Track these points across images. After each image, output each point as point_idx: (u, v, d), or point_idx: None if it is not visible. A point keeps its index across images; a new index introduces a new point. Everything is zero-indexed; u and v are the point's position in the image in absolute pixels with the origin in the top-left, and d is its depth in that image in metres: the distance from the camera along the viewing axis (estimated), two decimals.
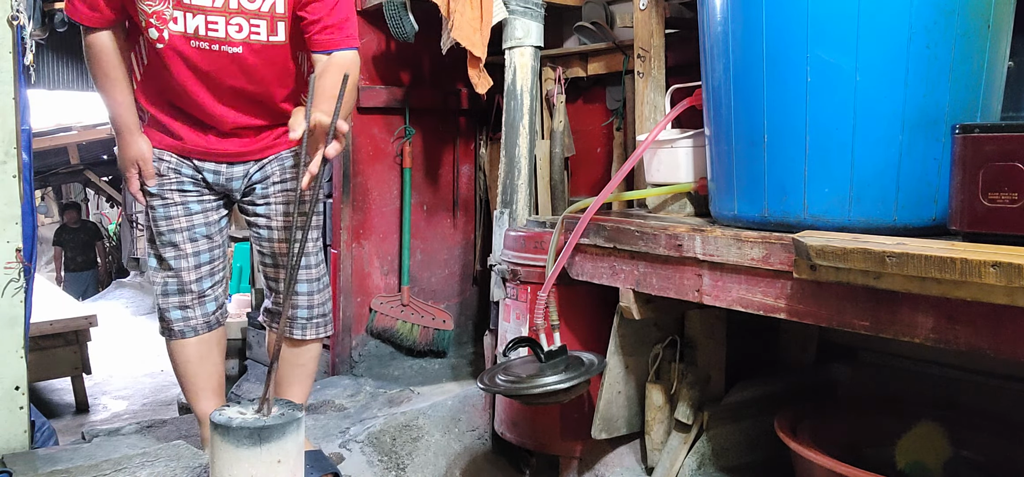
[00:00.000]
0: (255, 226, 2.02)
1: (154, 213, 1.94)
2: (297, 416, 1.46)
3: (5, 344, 2.03)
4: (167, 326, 1.99)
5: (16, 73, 2.03)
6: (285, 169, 1.98)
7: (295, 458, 1.44)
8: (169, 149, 1.92)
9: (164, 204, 1.94)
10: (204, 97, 1.84)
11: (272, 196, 1.98)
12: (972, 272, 1.09)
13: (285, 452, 1.41)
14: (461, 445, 2.40)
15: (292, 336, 1.99)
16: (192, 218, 1.96)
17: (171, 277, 1.95)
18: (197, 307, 1.97)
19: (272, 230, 1.98)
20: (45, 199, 11.97)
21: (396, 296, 3.12)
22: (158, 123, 1.91)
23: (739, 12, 1.54)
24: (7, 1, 2.00)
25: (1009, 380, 1.79)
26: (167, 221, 1.93)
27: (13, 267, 2.03)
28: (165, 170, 1.92)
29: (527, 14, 2.48)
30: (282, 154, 1.99)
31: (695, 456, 1.85)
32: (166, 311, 1.97)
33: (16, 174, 2.03)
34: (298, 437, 1.46)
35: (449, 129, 3.27)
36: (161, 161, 1.92)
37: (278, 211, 1.98)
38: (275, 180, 1.98)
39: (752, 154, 1.55)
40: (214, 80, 1.82)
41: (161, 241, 1.95)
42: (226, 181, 1.96)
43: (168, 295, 1.96)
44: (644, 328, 1.95)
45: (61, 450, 2.11)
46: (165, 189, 1.93)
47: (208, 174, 1.94)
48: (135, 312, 6.39)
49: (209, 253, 1.98)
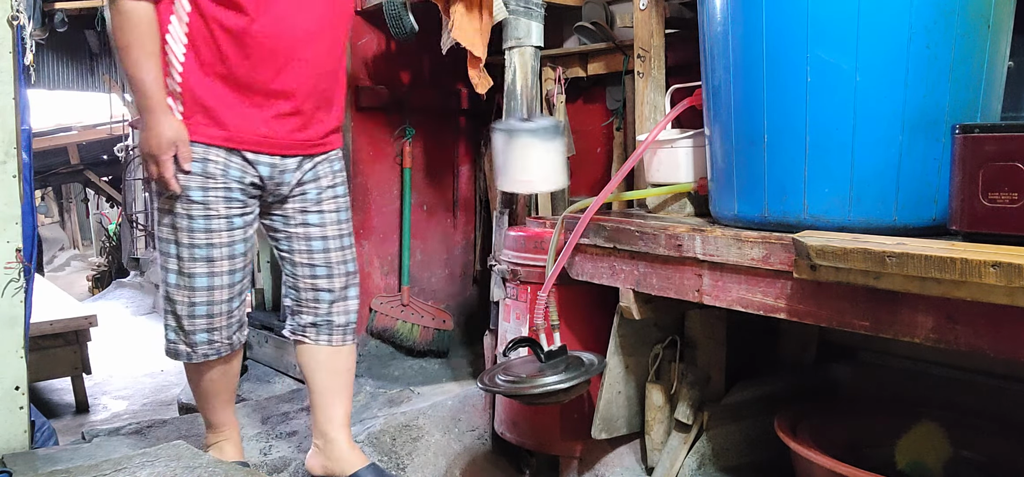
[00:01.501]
0: (303, 237, 1.92)
1: (192, 223, 1.76)
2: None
3: (5, 344, 2.03)
4: (190, 349, 1.84)
5: (16, 73, 2.03)
6: (334, 173, 1.95)
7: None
8: (214, 142, 1.74)
9: (206, 214, 1.76)
10: (274, 52, 1.72)
11: (325, 201, 1.92)
12: (972, 272, 1.09)
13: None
14: (461, 445, 2.40)
15: (345, 344, 1.98)
16: (233, 233, 1.81)
17: (200, 297, 1.79)
18: (224, 330, 1.85)
19: (327, 240, 1.92)
20: (45, 199, 11.98)
21: (396, 296, 3.12)
22: (203, 108, 1.74)
23: (739, 12, 1.54)
24: (7, 1, 2.01)
25: (1009, 380, 1.79)
26: (207, 234, 1.76)
27: (13, 267, 2.03)
28: (212, 171, 1.75)
29: (527, 14, 2.48)
30: (331, 154, 1.94)
31: (695, 456, 1.85)
32: (192, 334, 1.81)
33: (16, 174, 2.03)
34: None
35: (449, 129, 3.26)
36: (207, 161, 1.75)
37: (332, 219, 1.93)
38: (326, 184, 1.92)
39: (752, 154, 1.55)
40: (284, 30, 1.73)
41: (193, 254, 1.77)
42: (280, 176, 1.83)
43: (194, 317, 1.80)
44: (644, 328, 1.95)
45: (61, 450, 2.11)
46: (210, 195, 1.75)
47: (263, 168, 1.80)
48: (135, 312, 6.39)
49: (242, 271, 1.86)
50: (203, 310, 1.81)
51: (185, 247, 1.78)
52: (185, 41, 1.73)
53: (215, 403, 1.98)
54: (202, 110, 1.74)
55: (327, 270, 1.95)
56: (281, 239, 1.96)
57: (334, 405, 2.00)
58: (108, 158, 8.92)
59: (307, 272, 1.95)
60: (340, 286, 1.97)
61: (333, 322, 1.98)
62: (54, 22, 6.27)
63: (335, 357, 1.99)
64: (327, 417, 2.00)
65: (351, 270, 2.00)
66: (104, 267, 8.71)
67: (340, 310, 1.98)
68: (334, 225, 1.95)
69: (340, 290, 1.98)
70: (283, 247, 1.97)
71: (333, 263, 1.95)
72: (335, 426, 2.00)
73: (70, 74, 8.31)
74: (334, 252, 1.96)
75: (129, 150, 8.13)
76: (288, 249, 1.96)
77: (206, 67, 1.73)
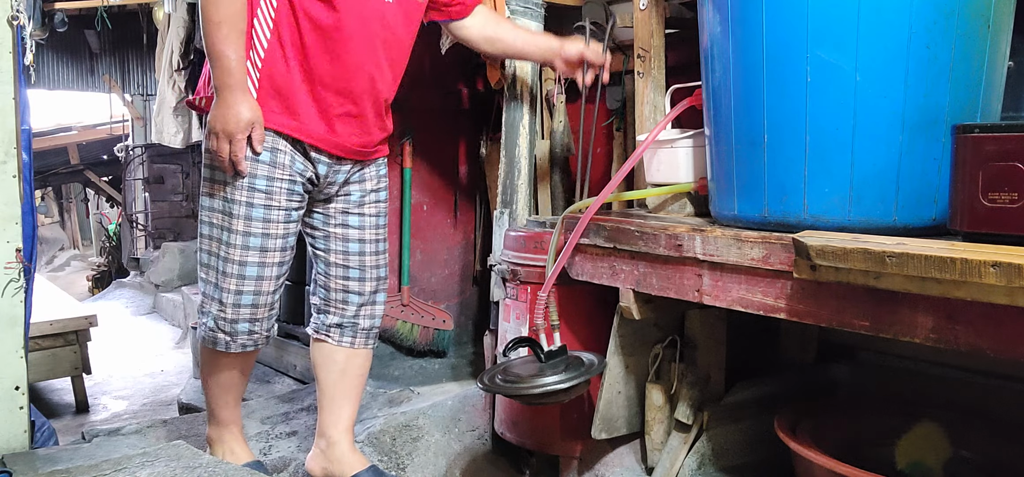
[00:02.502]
0: (341, 238, 1.93)
1: (251, 210, 1.75)
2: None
3: (5, 344, 2.03)
4: (230, 338, 1.82)
5: (16, 73, 2.03)
6: (379, 177, 1.96)
7: None
8: (284, 131, 1.75)
9: (267, 204, 1.76)
10: (360, 50, 1.75)
11: (367, 204, 1.93)
12: (972, 272, 1.09)
13: None
14: (461, 445, 2.40)
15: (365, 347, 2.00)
16: (289, 225, 1.81)
17: (248, 287, 1.78)
18: (265, 321, 1.85)
19: (364, 243, 1.94)
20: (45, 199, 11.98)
21: (396, 296, 3.12)
22: (279, 95, 1.74)
23: (739, 12, 1.54)
24: (7, 1, 2.00)
25: (1009, 380, 1.79)
26: (265, 224, 1.76)
27: (13, 267, 2.03)
28: (281, 161, 1.75)
29: (527, 14, 2.48)
30: (379, 160, 1.96)
31: (695, 456, 1.85)
32: (236, 322, 1.80)
33: (16, 174, 2.03)
34: None
35: (449, 129, 3.26)
36: (276, 151, 1.75)
37: (371, 223, 1.94)
38: (371, 187, 1.94)
39: (752, 154, 1.55)
40: (368, 31, 1.76)
41: (248, 243, 1.76)
42: (333, 176, 1.85)
43: (240, 306, 1.79)
44: (644, 328, 1.95)
45: (61, 450, 2.11)
46: (275, 185, 1.76)
47: (321, 167, 1.82)
48: (135, 312, 6.39)
49: (288, 265, 1.87)
50: (249, 299, 1.80)
51: (239, 234, 1.76)
52: (271, 27, 1.73)
53: (229, 398, 1.97)
54: (277, 96, 1.75)
55: (360, 273, 1.96)
56: (318, 238, 1.97)
57: (342, 408, 2.01)
58: (108, 158, 8.93)
59: (340, 273, 1.95)
60: (370, 290, 1.99)
61: (358, 325, 1.99)
62: (54, 22, 6.28)
63: (352, 359, 2.00)
64: (334, 419, 2.01)
65: (383, 275, 2.01)
66: (104, 267, 8.72)
67: (366, 314, 1.99)
68: (372, 229, 1.97)
69: (370, 294, 1.99)
70: (319, 246, 1.98)
71: (367, 267, 1.97)
72: (340, 429, 2.01)
73: (70, 74, 8.31)
74: (369, 256, 1.97)
75: (129, 150, 8.14)
76: (324, 248, 1.97)
77: (287, 56, 1.74)
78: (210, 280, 1.83)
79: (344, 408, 2.01)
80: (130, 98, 8.28)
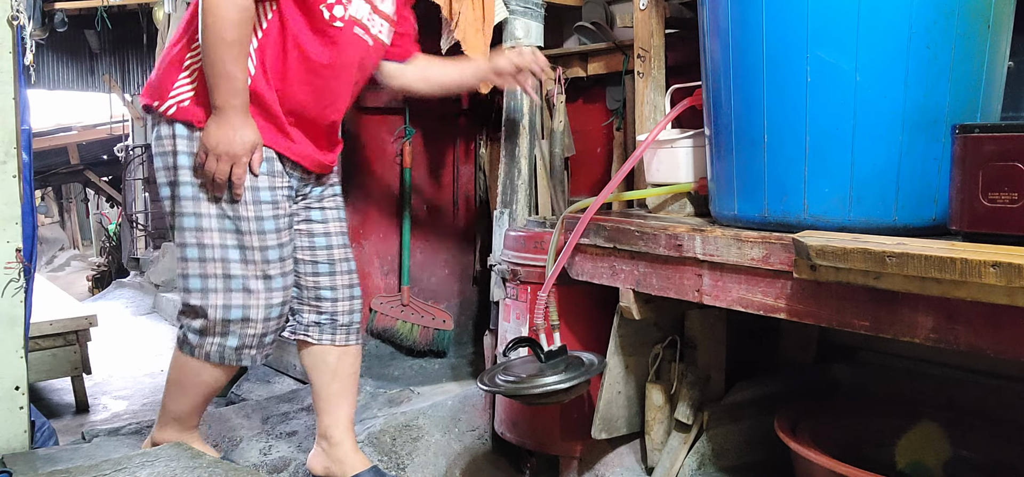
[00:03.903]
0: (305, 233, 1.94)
1: (262, 224, 1.76)
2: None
3: (5, 344, 2.03)
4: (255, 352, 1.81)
5: (16, 73, 2.03)
6: (334, 170, 2.01)
7: None
8: (280, 149, 1.79)
9: (275, 213, 1.78)
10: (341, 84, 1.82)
11: (326, 198, 1.96)
12: (972, 272, 1.09)
13: None
14: (461, 445, 2.40)
15: (348, 343, 2.00)
16: (291, 233, 1.87)
17: (276, 298, 1.79)
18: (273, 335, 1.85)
19: (330, 236, 1.96)
20: (45, 199, 11.98)
21: (396, 296, 3.12)
22: (272, 117, 1.76)
23: (739, 12, 1.54)
24: (7, 1, 2.01)
25: (1009, 380, 1.79)
26: (277, 234, 1.78)
27: (13, 267, 2.03)
28: (277, 172, 1.79)
29: (527, 14, 2.49)
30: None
31: (695, 456, 1.85)
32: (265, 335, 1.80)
33: (16, 174, 2.03)
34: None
35: (449, 129, 3.26)
36: (271, 160, 1.78)
37: (332, 215, 1.97)
38: (328, 182, 1.98)
39: (752, 154, 1.55)
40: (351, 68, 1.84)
41: (266, 256, 1.77)
42: (302, 188, 1.91)
43: (269, 319, 1.79)
44: (644, 328, 1.95)
45: (61, 450, 2.11)
46: (279, 193, 1.79)
47: (294, 179, 1.86)
48: (135, 312, 6.39)
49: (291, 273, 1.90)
50: (276, 312, 1.81)
51: (256, 250, 1.75)
52: (255, 47, 1.73)
53: (202, 403, 1.93)
54: (271, 118, 1.76)
55: (330, 267, 1.96)
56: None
57: (339, 407, 2.01)
58: (108, 158, 8.93)
59: (309, 269, 1.95)
60: (343, 284, 1.99)
61: (337, 321, 1.98)
62: (54, 22, 6.28)
63: (343, 358, 2.00)
64: (333, 420, 2.01)
65: (353, 269, 2.02)
66: (104, 267, 8.71)
67: (344, 308, 1.99)
68: (336, 223, 1.98)
69: (343, 288, 1.99)
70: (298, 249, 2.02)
71: (336, 261, 1.97)
72: (340, 429, 2.01)
73: (70, 74, 8.31)
74: (337, 249, 1.97)
75: (129, 150, 8.14)
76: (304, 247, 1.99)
77: (268, 76, 1.75)
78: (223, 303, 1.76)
79: (342, 408, 2.01)
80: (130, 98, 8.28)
